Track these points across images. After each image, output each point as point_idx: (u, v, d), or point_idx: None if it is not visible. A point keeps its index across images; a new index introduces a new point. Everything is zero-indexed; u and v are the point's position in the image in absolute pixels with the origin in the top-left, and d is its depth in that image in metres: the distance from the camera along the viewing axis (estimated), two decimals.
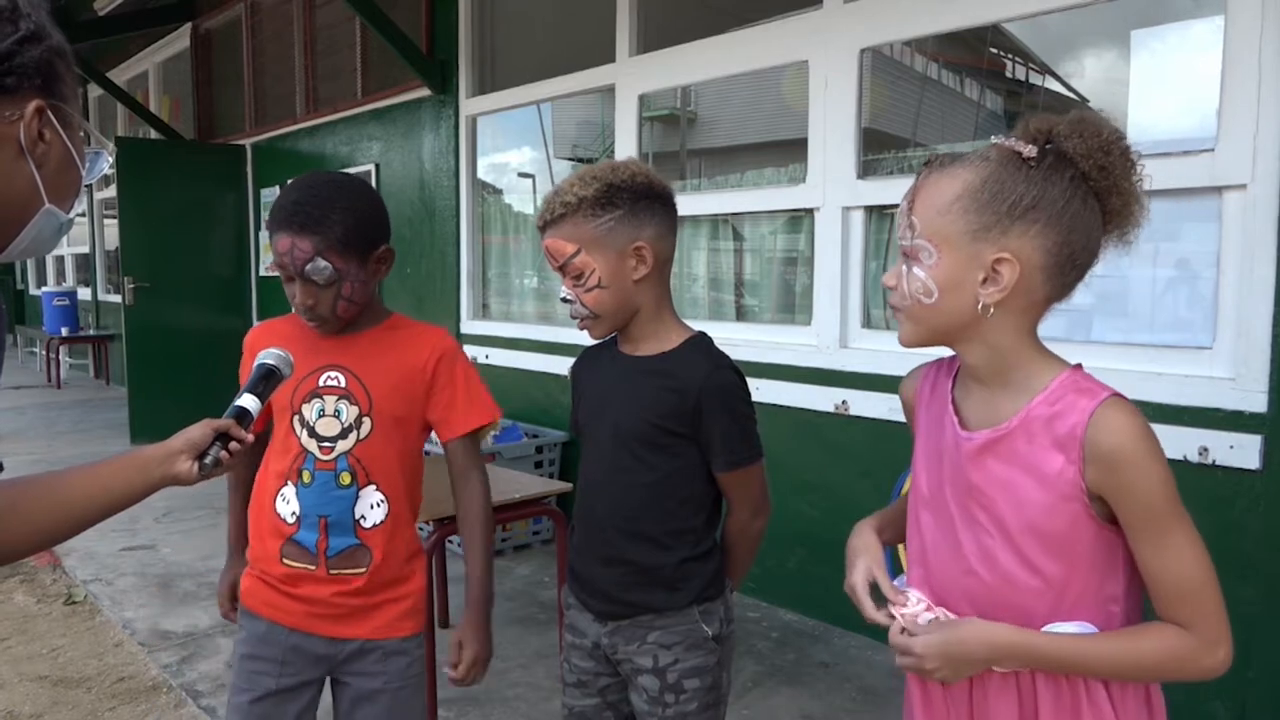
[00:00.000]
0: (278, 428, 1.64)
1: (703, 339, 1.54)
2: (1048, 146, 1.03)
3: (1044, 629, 1.05)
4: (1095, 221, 1.04)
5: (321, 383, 1.60)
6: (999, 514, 1.07)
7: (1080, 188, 1.02)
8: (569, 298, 1.49)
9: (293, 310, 1.61)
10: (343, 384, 1.60)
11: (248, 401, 1.26)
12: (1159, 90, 2.92)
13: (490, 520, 1.70)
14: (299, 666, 1.63)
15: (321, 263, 1.51)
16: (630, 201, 1.45)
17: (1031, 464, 1.04)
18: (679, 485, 1.49)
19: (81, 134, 0.97)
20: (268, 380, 1.32)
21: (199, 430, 1.16)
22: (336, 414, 1.60)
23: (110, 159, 1.02)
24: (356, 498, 1.61)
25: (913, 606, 1.12)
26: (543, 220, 1.49)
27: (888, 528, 1.28)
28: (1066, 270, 1.04)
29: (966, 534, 1.11)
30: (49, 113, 0.88)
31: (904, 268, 1.09)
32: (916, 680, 1.20)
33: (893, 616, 1.13)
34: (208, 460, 1.16)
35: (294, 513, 1.61)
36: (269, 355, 1.34)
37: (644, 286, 1.48)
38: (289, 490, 1.62)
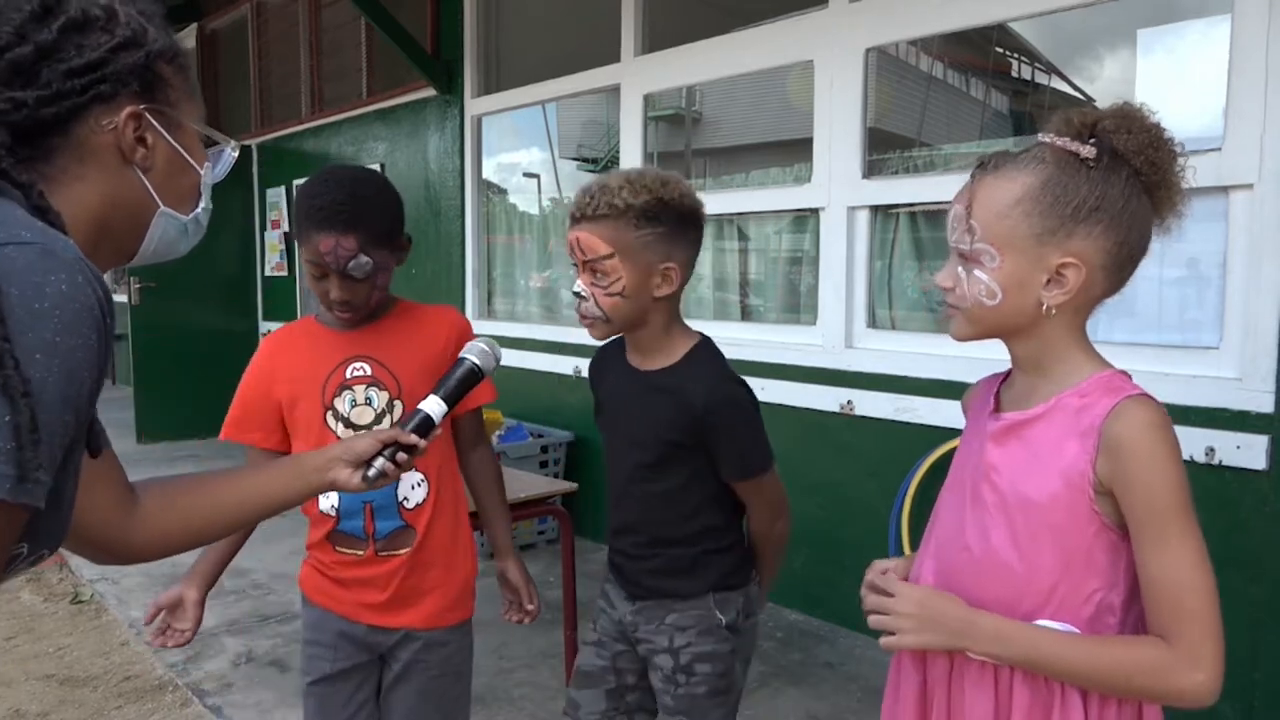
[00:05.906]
0: (308, 429, 1.65)
1: (705, 346, 1.54)
2: (1092, 141, 1.03)
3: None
4: (1148, 216, 1.06)
5: (349, 374, 1.64)
6: (1003, 491, 1.08)
7: (1135, 184, 1.03)
8: (583, 294, 1.47)
9: (319, 306, 1.63)
10: (368, 372, 1.65)
11: (432, 406, 1.22)
12: (1166, 89, 2.90)
13: (502, 476, 1.88)
14: (348, 651, 1.70)
15: (363, 258, 1.54)
16: (673, 221, 1.44)
17: (1048, 449, 1.05)
18: (695, 490, 1.53)
19: (199, 134, 0.96)
20: (465, 383, 1.28)
21: (365, 441, 1.17)
22: (368, 401, 1.64)
23: (234, 154, 1.02)
24: (398, 480, 1.63)
25: None
26: (581, 212, 1.45)
27: None
28: (1125, 266, 1.06)
29: (971, 512, 1.12)
30: (148, 117, 0.87)
31: (961, 270, 1.08)
32: (896, 672, 1.20)
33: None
34: (371, 473, 1.16)
35: (333, 505, 1.65)
36: (473, 351, 1.31)
37: (661, 303, 1.49)
38: None
